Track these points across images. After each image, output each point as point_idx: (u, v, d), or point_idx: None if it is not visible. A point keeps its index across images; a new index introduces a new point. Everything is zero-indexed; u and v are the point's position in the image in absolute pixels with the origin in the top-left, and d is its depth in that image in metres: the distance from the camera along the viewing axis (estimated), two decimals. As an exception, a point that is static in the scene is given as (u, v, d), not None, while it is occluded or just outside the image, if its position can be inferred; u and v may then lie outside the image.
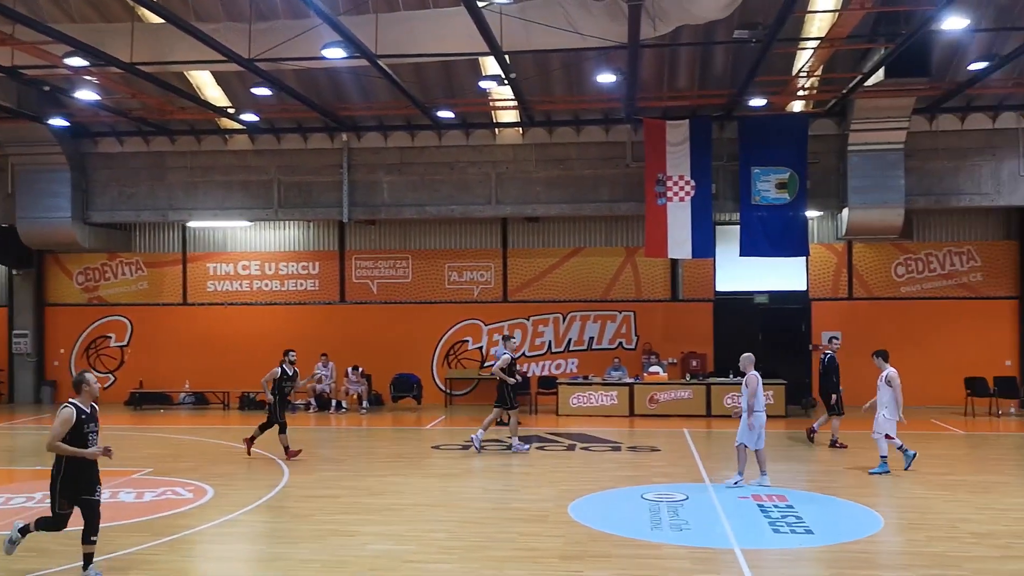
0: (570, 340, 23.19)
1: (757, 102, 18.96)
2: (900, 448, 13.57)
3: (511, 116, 21.22)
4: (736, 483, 12.40)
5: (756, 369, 12.52)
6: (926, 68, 17.08)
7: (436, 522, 10.51)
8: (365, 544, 9.51)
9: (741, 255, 20.46)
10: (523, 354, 23.07)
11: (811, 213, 20.81)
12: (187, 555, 9.40)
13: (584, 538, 9.76)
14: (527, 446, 15.96)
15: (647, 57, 18.05)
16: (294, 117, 21.20)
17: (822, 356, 16.43)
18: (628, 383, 21.02)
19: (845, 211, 20.20)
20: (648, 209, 20.30)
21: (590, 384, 21.08)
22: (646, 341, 22.73)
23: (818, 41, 16.36)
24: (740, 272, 22.11)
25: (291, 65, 16.81)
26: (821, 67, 17.80)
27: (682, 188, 20.12)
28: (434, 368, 23.57)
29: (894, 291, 22.36)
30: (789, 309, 22.49)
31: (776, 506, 11.16)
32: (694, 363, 21.91)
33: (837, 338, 16.38)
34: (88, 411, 8.22)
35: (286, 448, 14.93)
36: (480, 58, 18.04)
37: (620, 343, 23.01)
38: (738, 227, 20.44)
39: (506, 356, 15.87)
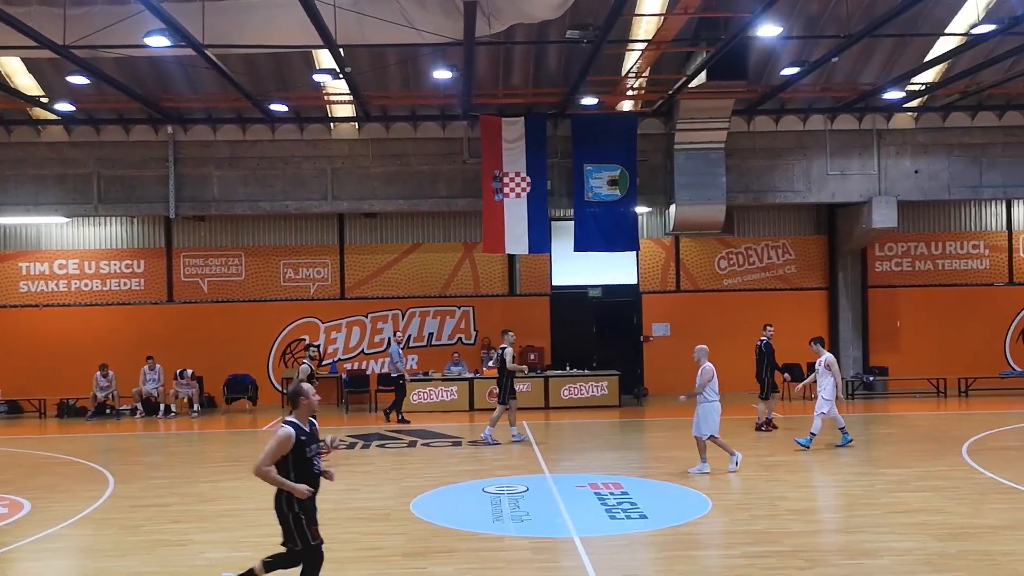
0: (410, 336, 23.10)
1: (589, 101, 19.52)
2: (842, 428, 14.96)
3: (347, 111, 20.91)
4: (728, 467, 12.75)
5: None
6: (744, 72, 18.07)
7: (274, 526, 10.17)
8: (199, 553, 9.18)
9: (575, 250, 21.02)
10: (362, 351, 22.85)
11: (641, 209, 21.62)
12: (3, 575, 8.79)
13: (427, 534, 9.79)
14: (521, 437, 16.18)
15: (482, 54, 18.22)
16: (114, 108, 20.11)
17: (758, 342, 17.34)
18: (468, 378, 21.16)
19: (672, 207, 21.10)
20: (485, 205, 20.54)
21: (430, 380, 21.09)
22: (485, 336, 22.97)
23: (645, 43, 17.02)
24: (575, 266, 22.67)
25: (111, 53, 15.92)
26: (648, 68, 18.51)
27: (518, 184, 20.45)
28: (270, 368, 22.95)
29: (717, 283, 23.52)
30: (621, 302, 23.26)
31: (612, 494, 11.55)
32: (532, 356, 22.31)
33: (771, 327, 17.50)
34: (308, 429, 7.09)
35: None
36: (314, 51, 17.69)
37: (459, 338, 23.14)
38: (572, 223, 20.98)
39: (508, 350, 15.99)
